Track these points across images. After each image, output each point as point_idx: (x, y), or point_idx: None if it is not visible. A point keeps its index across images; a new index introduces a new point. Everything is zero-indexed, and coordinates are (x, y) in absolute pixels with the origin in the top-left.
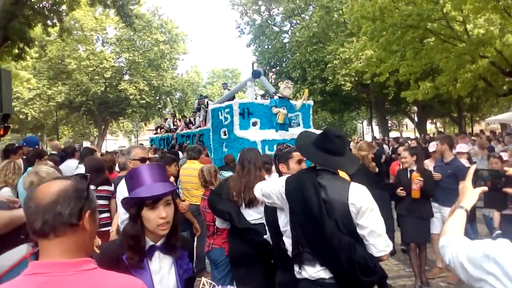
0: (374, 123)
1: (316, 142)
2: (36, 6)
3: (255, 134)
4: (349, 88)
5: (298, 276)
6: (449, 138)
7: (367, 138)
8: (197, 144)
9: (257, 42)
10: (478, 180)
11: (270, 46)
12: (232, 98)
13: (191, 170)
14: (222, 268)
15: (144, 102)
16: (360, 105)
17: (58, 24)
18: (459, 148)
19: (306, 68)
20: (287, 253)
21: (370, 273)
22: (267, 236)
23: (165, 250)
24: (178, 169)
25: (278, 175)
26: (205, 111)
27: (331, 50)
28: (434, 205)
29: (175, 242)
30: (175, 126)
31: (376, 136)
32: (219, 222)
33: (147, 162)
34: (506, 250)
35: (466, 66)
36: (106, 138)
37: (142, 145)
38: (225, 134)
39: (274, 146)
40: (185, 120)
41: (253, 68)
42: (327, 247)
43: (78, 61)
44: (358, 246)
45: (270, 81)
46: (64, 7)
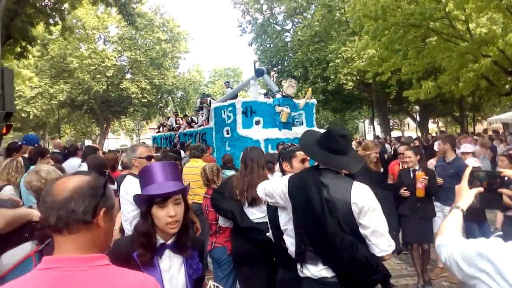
0: (376, 122)
1: (319, 141)
2: (38, 5)
3: (258, 133)
4: (351, 87)
5: (300, 274)
6: (451, 137)
7: (369, 138)
8: (199, 143)
9: (259, 41)
10: (474, 180)
11: (272, 45)
12: (235, 96)
13: (194, 169)
14: (225, 267)
15: (145, 100)
16: (362, 104)
17: (60, 22)
18: (464, 148)
19: (308, 67)
20: (288, 251)
21: (372, 272)
22: (270, 233)
23: (175, 249)
24: (181, 167)
25: (281, 174)
26: (207, 110)
27: (333, 49)
28: (436, 204)
29: (186, 241)
30: (178, 125)
31: (378, 135)
32: (222, 221)
33: (152, 160)
34: (499, 248)
35: (468, 65)
36: (108, 137)
37: (144, 143)
38: (228, 133)
39: (279, 146)
40: (187, 119)
41: (254, 67)
42: (329, 246)
43: (80, 59)
44: (360, 245)
45: (272, 80)
46: (66, 6)
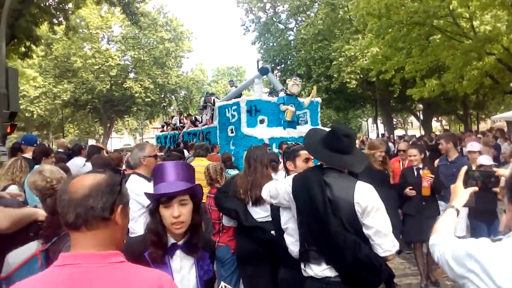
0: (379, 121)
1: (323, 140)
2: (42, 5)
3: (263, 132)
4: (354, 85)
5: (304, 274)
6: (453, 136)
7: (372, 136)
8: (202, 142)
9: (262, 40)
10: (469, 180)
11: (275, 44)
12: (239, 95)
13: (199, 168)
14: (229, 266)
15: (149, 100)
16: (365, 102)
17: (64, 22)
18: (471, 146)
19: (311, 65)
20: (288, 250)
21: (375, 272)
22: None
23: (186, 249)
24: None
25: (285, 173)
26: (211, 109)
27: (337, 48)
28: (440, 203)
29: (196, 242)
30: (182, 124)
31: (381, 133)
32: (226, 220)
33: (158, 160)
34: (486, 248)
35: (472, 63)
36: (111, 136)
37: (148, 142)
38: (232, 132)
39: (283, 145)
40: (191, 118)
41: (258, 65)
42: (332, 246)
43: (83, 59)
44: (363, 245)
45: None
46: (70, 5)
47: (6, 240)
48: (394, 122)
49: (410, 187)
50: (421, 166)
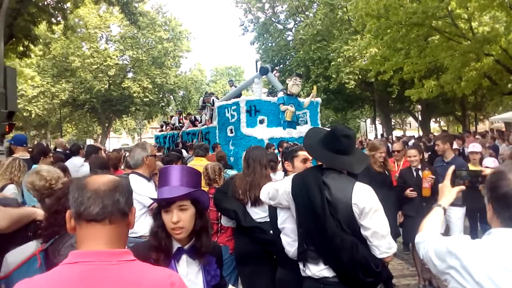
0: (377, 122)
1: (323, 140)
2: (41, 4)
3: (262, 132)
4: (353, 86)
5: (303, 274)
6: (450, 137)
7: (371, 137)
8: (201, 142)
9: (260, 40)
10: (456, 179)
11: (274, 44)
12: (238, 95)
13: (198, 167)
14: (227, 266)
15: (147, 100)
16: (363, 103)
17: (62, 21)
18: (472, 147)
19: (310, 66)
20: (285, 250)
21: (372, 273)
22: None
23: (191, 254)
24: None
25: (283, 173)
26: (211, 109)
27: (335, 48)
28: None
29: (200, 247)
30: (181, 124)
31: (379, 134)
32: (225, 220)
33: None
34: (465, 245)
35: (470, 64)
36: (109, 136)
37: (146, 142)
38: (231, 132)
39: (284, 143)
40: (190, 117)
41: (256, 66)
42: (330, 246)
43: (82, 58)
44: (361, 246)
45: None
46: (68, 5)
47: (5, 239)
48: (393, 123)
49: (411, 188)
50: (419, 167)
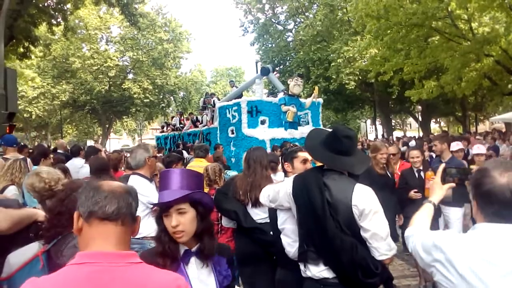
0: (378, 122)
1: (324, 141)
2: (41, 5)
3: (264, 133)
4: (353, 87)
5: (303, 274)
6: (447, 137)
7: (371, 137)
8: (201, 143)
9: (261, 41)
10: (446, 177)
11: (274, 45)
12: (239, 96)
13: (198, 168)
14: None
15: (147, 101)
16: (364, 104)
17: (62, 23)
18: (477, 149)
19: (310, 66)
20: (285, 251)
21: (371, 274)
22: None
23: (200, 256)
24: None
25: (283, 174)
26: (212, 111)
27: (335, 49)
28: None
29: (203, 249)
30: (182, 125)
31: (379, 135)
32: (225, 221)
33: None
34: (450, 239)
35: (471, 65)
36: (110, 137)
37: (146, 143)
38: (232, 133)
39: (286, 144)
40: (192, 117)
41: (257, 66)
42: (330, 247)
43: (82, 60)
44: (360, 247)
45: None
46: (68, 6)
47: (6, 241)
48: (393, 124)
49: (415, 190)
50: (421, 168)
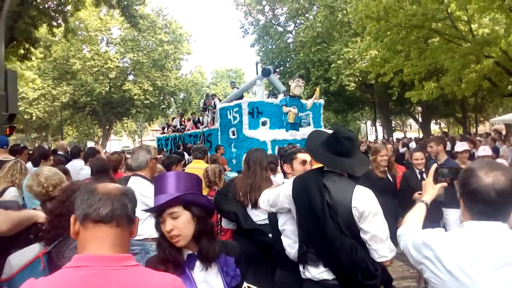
0: (378, 124)
1: (325, 143)
2: (41, 7)
3: (265, 134)
4: (353, 88)
5: (302, 276)
6: (443, 139)
7: (371, 139)
8: (200, 144)
9: (261, 42)
10: (438, 177)
11: (274, 46)
12: (241, 97)
13: (197, 170)
14: None
15: (148, 102)
16: (364, 105)
17: (63, 24)
18: (483, 151)
19: (310, 68)
20: (285, 252)
21: (371, 276)
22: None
23: (200, 259)
24: (183, 169)
25: (283, 176)
26: (212, 112)
27: (335, 50)
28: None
29: (203, 252)
30: (183, 126)
31: (380, 136)
32: (225, 223)
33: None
34: (439, 237)
35: (471, 66)
36: (110, 139)
37: (149, 145)
38: (233, 134)
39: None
40: (193, 117)
41: (257, 68)
42: (329, 249)
43: (82, 61)
44: (360, 249)
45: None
46: (69, 8)
47: (6, 242)
48: (393, 125)
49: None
50: (424, 170)
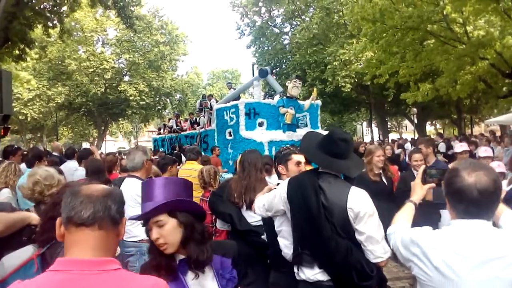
0: (374, 125)
1: (320, 144)
2: (37, 7)
3: (262, 135)
4: (349, 89)
5: (297, 277)
6: (432, 140)
7: (367, 140)
8: (198, 145)
9: (257, 44)
10: (427, 178)
11: (270, 48)
12: (237, 98)
13: (190, 171)
14: None
15: (144, 103)
16: (360, 106)
17: (58, 25)
18: (485, 152)
19: (306, 69)
20: (281, 253)
21: (366, 277)
22: (265, 236)
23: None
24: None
25: (277, 177)
26: (209, 113)
27: (331, 52)
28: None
29: (195, 258)
30: (178, 127)
31: (375, 137)
32: (220, 224)
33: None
34: (426, 235)
35: (466, 68)
36: (105, 139)
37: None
38: (230, 135)
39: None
40: (191, 118)
41: (253, 69)
42: (325, 250)
43: (78, 62)
44: (355, 250)
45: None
46: (64, 8)
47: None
48: (389, 126)
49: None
50: None
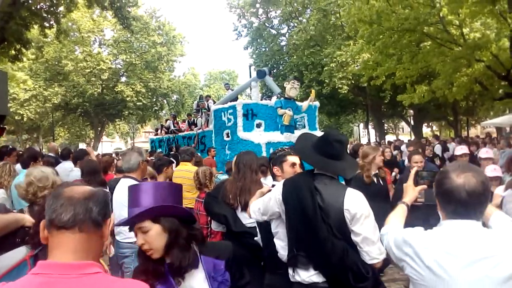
0: (370, 126)
1: (315, 145)
2: (33, 8)
3: (260, 136)
4: (345, 91)
5: (292, 279)
6: (421, 143)
7: (364, 141)
8: (196, 146)
9: (254, 45)
10: (419, 179)
11: (267, 49)
12: (235, 99)
13: (184, 172)
14: None
15: (140, 104)
16: (356, 108)
17: (55, 25)
18: (486, 153)
19: (303, 71)
20: (277, 255)
21: (362, 278)
22: (258, 238)
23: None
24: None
25: (272, 178)
26: (207, 114)
27: (328, 53)
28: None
29: (177, 264)
30: (176, 128)
31: (372, 139)
32: (215, 225)
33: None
34: (418, 235)
35: (462, 70)
36: (102, 140)
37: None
38: (228, 136)
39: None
40: (189, 119)
41: (250, 70)
42: (320, 251)
43: (75, 62)
44: (351, 251)
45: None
46: (61, 9)
47: None
48: (385, 128)
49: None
50: None
